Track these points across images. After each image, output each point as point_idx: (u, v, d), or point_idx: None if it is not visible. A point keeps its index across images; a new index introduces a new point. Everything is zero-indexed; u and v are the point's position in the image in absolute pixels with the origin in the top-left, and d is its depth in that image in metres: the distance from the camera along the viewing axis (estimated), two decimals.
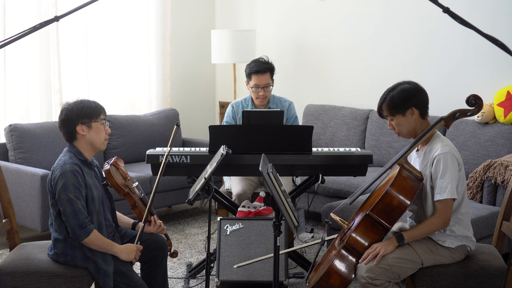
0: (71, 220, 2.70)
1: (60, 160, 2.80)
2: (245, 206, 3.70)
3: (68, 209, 2.70)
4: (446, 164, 2.72)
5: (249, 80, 4.13)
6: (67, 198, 2.70)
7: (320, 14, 5.63)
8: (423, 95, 2.85)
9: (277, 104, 4.23)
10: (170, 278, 3.67)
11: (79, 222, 2.70)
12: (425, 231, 2.77)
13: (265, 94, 4.11)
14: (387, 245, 2.73)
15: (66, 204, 2.70)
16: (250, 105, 4.23)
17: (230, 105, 4.29)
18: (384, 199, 2.71)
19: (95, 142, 2.86)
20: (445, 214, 2.71)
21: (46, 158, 4.69)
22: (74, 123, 2.82)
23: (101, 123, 2.87)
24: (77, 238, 2.73)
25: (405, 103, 2.81)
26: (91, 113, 2.84)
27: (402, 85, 2.86)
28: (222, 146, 3.05)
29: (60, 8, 5.16)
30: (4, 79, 4.99)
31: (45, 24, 2.39)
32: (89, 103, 2.88)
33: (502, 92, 4.37)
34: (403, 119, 2.83)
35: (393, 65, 5.17)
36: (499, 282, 2.76)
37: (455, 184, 2.72)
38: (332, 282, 2.72)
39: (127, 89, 5.86)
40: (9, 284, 2.74)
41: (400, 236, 2.75)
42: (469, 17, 2.41)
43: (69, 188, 2.71)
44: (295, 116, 4.27)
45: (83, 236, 2.71)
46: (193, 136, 6.13)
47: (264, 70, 4.08)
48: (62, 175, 2.73)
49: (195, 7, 6.37)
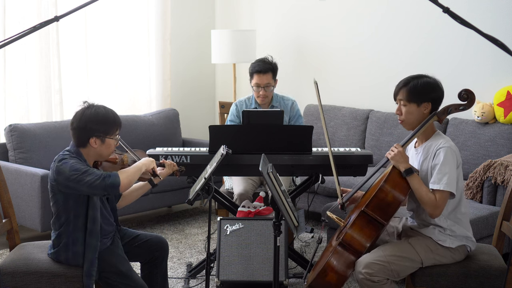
0: (98, 180, 2.64)
1: (57, 156, 2.78)
2: (245, 206, 3.70)
3: (88, 177, 2.64)
4: (446, 157, 2.73)
5: (251, 79, 4.17)
6: (81, 173, 2.65)
7: (320, 14, 5.63)
8: (442, 93, 2.88)
9: (280, 102, 4.24)
10: (170, 278, 3.67)
11: (104, 175, 2.67)
12: (423, 193, 2.71)
13: (266, 94, 4.13)
14: (401, 160, 2.75)
15: (84, 177, 2.65)
16: (254, 104, 4.24)
17: (234, 104, 4.31)
18: (379, 195, 2.72)
19: (103, 155, 2.84)
20: (437, 204, 2.70)
21: (46, 158, 4.69)
22: (89, 134, 2.77)
23: (115, 139, 2.84)
24: (114, 188, 2.67)
25: (425, 95, 2.82)
26: (109, 129, 2.79)
27: (427, 78, 2.87)
28: (222, 146, 3.05)
29: (60, 8, 5.16)
30: (4, 79, 4.99)
31: (45, 24, 2.39)
32: (109, 117, 2.82)
33: (502, 92, 4.37)
34: (416, 109, 2.84)
35: (393, 65, 5.17)
36: (499, 282, 2.76)
37: (453, 178, 2.71)
38: (328, 279, 2.72)
39: (127, 89, 5.86)
40: (9, 284, 2.74)
41: (411, 170, 2.74)
42: (469, 17, 2.41)
43: (76, 166, 2.67)
44: (299, 114, 4.28)
45: (117, 178, 2.67)
46: (193, 136, 6.13)
47: (265, 70, 4.10)
48: (64, 163, 2.70)
49: (195, 7, 6.37)
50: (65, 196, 2.75)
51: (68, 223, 2.77)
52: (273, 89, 4.19)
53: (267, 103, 4.21)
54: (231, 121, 4.26)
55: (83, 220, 2.77)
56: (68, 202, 2.75)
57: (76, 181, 2.66)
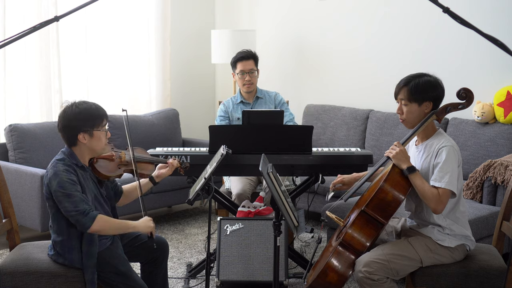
0: (72, 212, 2.65)
1: (53, 162, 2.78)
2: (245, 206, 3.70)
3: (67, 203, 2.65)
4: (449, 156, 2.72)
5: (235, 69, 4.31)
6: (64, 194, 2.66)
7: (320, 14, 5.63)
8: (443, 92, 2.87)
9: (264, 95, 4.39)
10: (170, 278, 3.67)
11: (81, 210, 2.65)
12: (426, 189, 2.70)
13: (251, 79, 4.26)
14: (403, 158, 2.74)
15: (65, 200, 2.66)
16: (239, 98, 4.34)
17: (221, 104, 4.42)
18: (378, 195, 2.72)
19: (95, 149, 2.83)
20: (441, 199, 2.68)
21: (46, 158, 4.69)
22: (76, 131, 2.76)
23: (103, 131, 2.83)
24: (84, 227, 2.65)
25: (426, 94, 2.82)
26: (93, 122, 2.78)
27: (428, 77, 2.86)
28: (222, 146, 3.05)
29: (60, 8, 5.16)
30: (4, 79, 4.99)
31: (45, 24, 2.39)
32: (92, 110, 2.80)
33: (502, 92, 4.37)
34: (417, 108, 2.83)
35: (393, 65, 5.17)
36: (499, 282, 2.76)
37: (454, 178, 2.71)
38: (329, 279, 2.72)
39: (127, 89, 5.86)
40: (9, 284, 2.74)
41: (413, 168, 2.74)
42: (469, 17, 2.41)
43: (64, 185, 2.67)
44: (283, 102, 4.41)
45: (89, 222, 2.64)
46: (193, 136, 6.13)
47: (248, 57, 4.28)
48: (55, 175, 2.70)
49: (195, 7, 6.37)
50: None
51: (63, 233, 2.76)
52: (257, 76, 4.32)
53: (253, 92, 4.33)
54: (221, 117, 4.34)
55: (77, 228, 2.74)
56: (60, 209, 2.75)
57: (58, 200, 2.69)
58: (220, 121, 4.32)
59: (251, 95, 4.34)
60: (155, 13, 5.88)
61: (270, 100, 4.36)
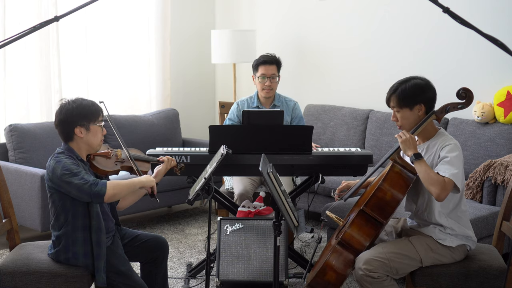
0: (85, 186, 2.65)
1: (52, 155, 2.80)
2: (245, 206, 3.70)
3: (76, 181, 2.65)
4: (454, 151, 2.73)
5: (256, 72, 4.18)
6: (71, 174, 2.66)
7: (320, 14, 5.63)
8: (433, 93, 2.87)
9: (282, 103, 4.25)
10: (170, 278, 3.67)
11: (92, 181, 2.66)
12: (433, 174, 2.67)
13: (271, 85, 4.15)
14: (410, 145, 2.74)
15: (73, 179, 2.66)
16: (256, 102, 4.24)
17: (236, 103, 4.31)
18: (377, 194, 2.73)
19: (92, 144, 2.85)
20: (446, 186, 2.64)
21: (46, 158, 4.66)
22: (73, 125, 2.80)
23: (99, 125, 2.86)
24: (99, 195, 2.65)
25: (415, 98, 2.81)
26: (90, 116, 2.82)
27: (415, 80, 2.86)
28: (222, 146, 3.05)
29: (60, 8, 5.16)
30: (4, 79, 4.99)
31: (45, 24, 2.39)
32: (88, 105, 2.85)
33: (502, 92, 4.37)
34: (409, 113, 2.84)
35: (393, 65, 5.17)
36: (499, 282, 2.76)
37: (460, 172, 2.70)
38: (327, 278, 2.73)
39: (127, 89, 5.86)
40: (9, 284, 2.74)
41: (419, 154, 2.73)
42: (469, 17, 2.41)
43: (70, 167, 2.69)
44: (300, 116, 4.28)
45: (103, 188, 2.66)
46: (193, 136, 6.13)
47: (271, 61, 4.15)
48: (58, 163, 2.72)
49: (195, 7, 6.37)
50: (62, 196, 2.75)
51: (67, 224, 2.77)
52: (278, 82, 4.21)
53: (271, 98, 4.22)
54: (230, 119, 4.26)
55: (82, 220, 2.76)
56: (65, 202, 2.75)
57: (67, 182, 2.68)
58: (228, 122, 4.27)
59: (268, 100, 4.23)
60: (155, 13, 5.88)
61: (287, 110, 4.21)
